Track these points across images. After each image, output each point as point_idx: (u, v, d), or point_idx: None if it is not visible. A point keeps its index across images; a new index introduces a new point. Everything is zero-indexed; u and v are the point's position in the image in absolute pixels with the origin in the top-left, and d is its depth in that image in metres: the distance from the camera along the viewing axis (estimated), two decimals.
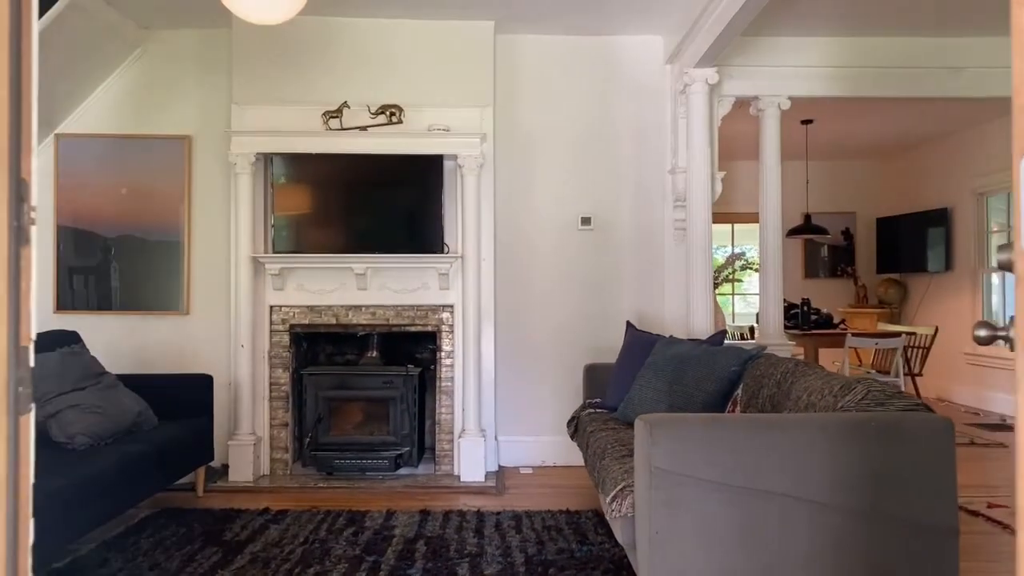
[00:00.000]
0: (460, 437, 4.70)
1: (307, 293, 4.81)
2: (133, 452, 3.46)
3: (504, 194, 5.10)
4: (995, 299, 7.96)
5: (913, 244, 8.81)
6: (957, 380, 8.09)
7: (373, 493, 4.40)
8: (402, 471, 4.74)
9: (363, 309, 4.83)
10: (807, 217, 7.78)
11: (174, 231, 5.07)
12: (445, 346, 4.85)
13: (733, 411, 3.46)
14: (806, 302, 7.00)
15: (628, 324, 4.46)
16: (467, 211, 4.72)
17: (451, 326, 4.84)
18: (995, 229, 7.93)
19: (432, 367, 4.99)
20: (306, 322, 4.83)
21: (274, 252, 4.73)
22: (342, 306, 4.83)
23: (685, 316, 5.15)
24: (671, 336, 4.18)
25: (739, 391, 3.51)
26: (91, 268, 5.08)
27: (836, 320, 7.66)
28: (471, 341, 4.71)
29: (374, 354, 5.01)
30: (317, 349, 5.21)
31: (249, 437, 4.68)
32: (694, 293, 4.63)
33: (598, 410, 4.19)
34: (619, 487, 2.62)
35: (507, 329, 5.10)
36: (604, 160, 5.19)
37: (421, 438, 4.99)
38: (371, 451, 4.68)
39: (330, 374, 4.83)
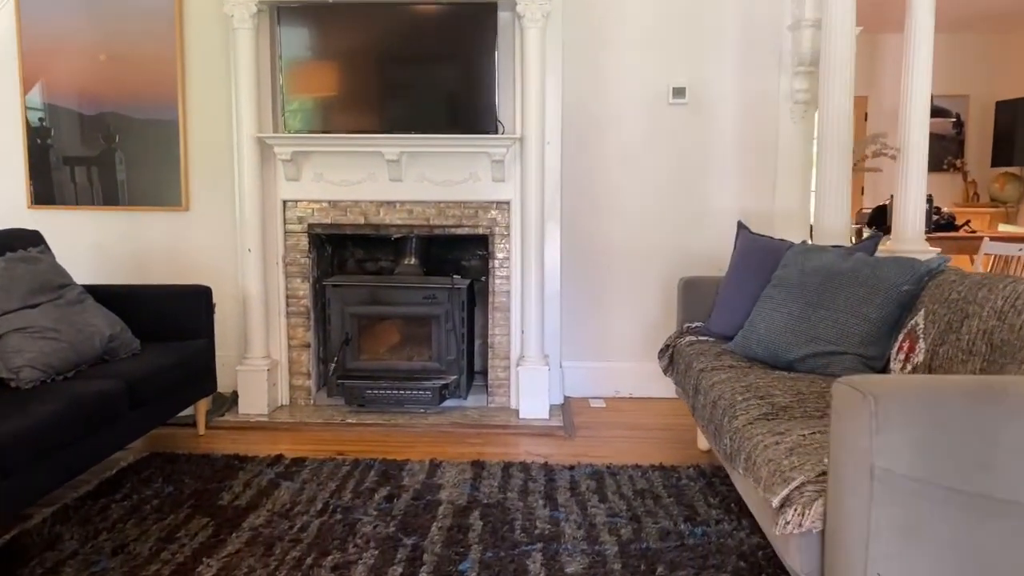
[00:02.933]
0: (519, 365, 3.79)
1: (328, 185, 3.84)
2: (94, 390, 2.61)
3: (574, 57, 3.99)
4: None
5: None
6: None
7: (414, 433, 3.55)
8: (448, 403, 3.87)
9: (397, 205, 3.86)
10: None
11: (167, 107, 4.10)
12: (499, 253, 3.88)
13: (911, 349, 2.46)
14: (928, 199, 5.83)
15: (740, 225, 3.43)
16: (528, 78, 3.64)
17: (507, 227, 3.85)
18: None
19: (483, 278, 4.03)
20: (328, 221, 3.88)
21: (286, 132, 3.74)
22: (371, 201, 3.86)
23: (803, 213, 4.09)
24: (805, 242, 3.15)
25: (917, 320, 2.50)
26: (84, 158, 4.16)
27: (959, 222, 6.48)
28: (532, 246, 3.73)
29: (412, 261, 4.07)
30: (343, 254, 4.29)
31: (262, 361, 3.83)
32: (829, 181, 3.55)
33: (701, 337, 3.22)
34: (793, 486, 1.67)
35: (571, 232, 4.10)
36: (702, 11, 4.02)
37: (471, 364, 4.10)
38: (410, 380, 3.81)
39: (359, 285, 3.91)
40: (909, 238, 4.08)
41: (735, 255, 3.33)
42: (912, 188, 4.09)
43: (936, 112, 6.43)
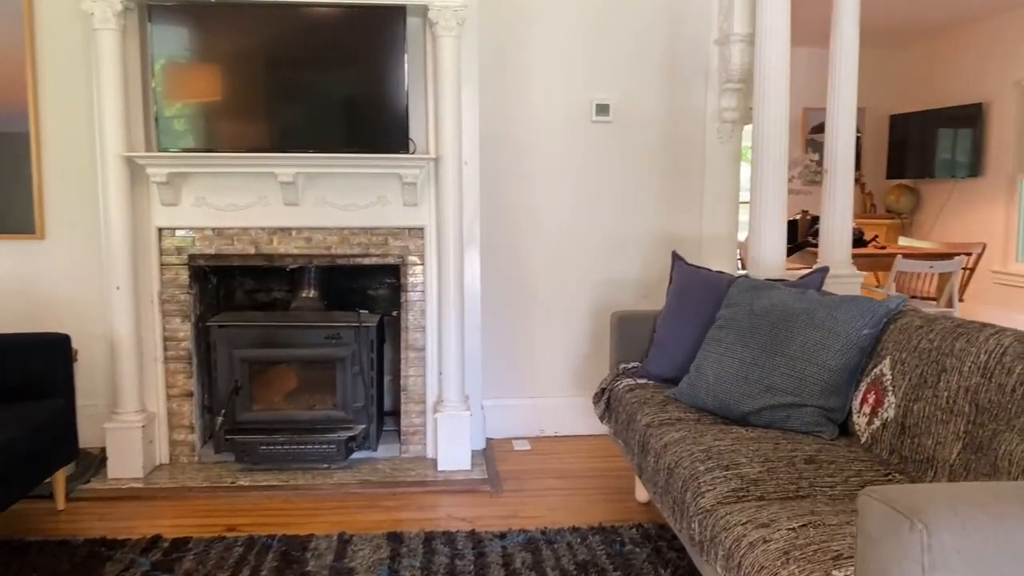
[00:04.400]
0: (437, 411, 3.41)
1: (212, 210, 3.35)
2: None
3: (491, 71, 3.65)
4: None
5: (934, 145, 7.67)
6: (981, 301, 7.13)
7: (318, 496, 3.11)
8: (357, 455, 3.44)
9: (294, 233, 3.41)
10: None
11: (16, 117, 3.49)
12: (413, 285, 3.49)
13: (878, 402, 2.24)
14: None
15: (675, 256, 3.17)
16: (443, 92, 3.27)
17: (421, 256, 3.47)
18: None
19: (394, 312, 3.63)
20: (212, 251, 3.38)
21: (160, 151, 3.22)
22: (263, 228, 3.39)
23: (730, 239, 3.89)
24: (747, 276, 2.91)
25: (882, 369, 2.28)
26: None
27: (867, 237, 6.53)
28: (451, 277, 3.36)
29: (311, 294, 3.62)
30: (231, 285, 3.79)
31: (136, 416, 3.29)
32: (765, 208, 3.34)
33: (639, 380, 2.94)
34: None
35: (490, 259, 3.76)
36: (626, 25, 3.75)
37: (380, 408, 3.68)
38: (312, 433, 3.36)
39: (250, 326, 3.43)
40: (838, 261, 3.95)
41: (672, 289, 3.07)
42: (839, 207, 3.98)
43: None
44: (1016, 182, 6.92)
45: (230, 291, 3.78)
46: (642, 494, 3.06)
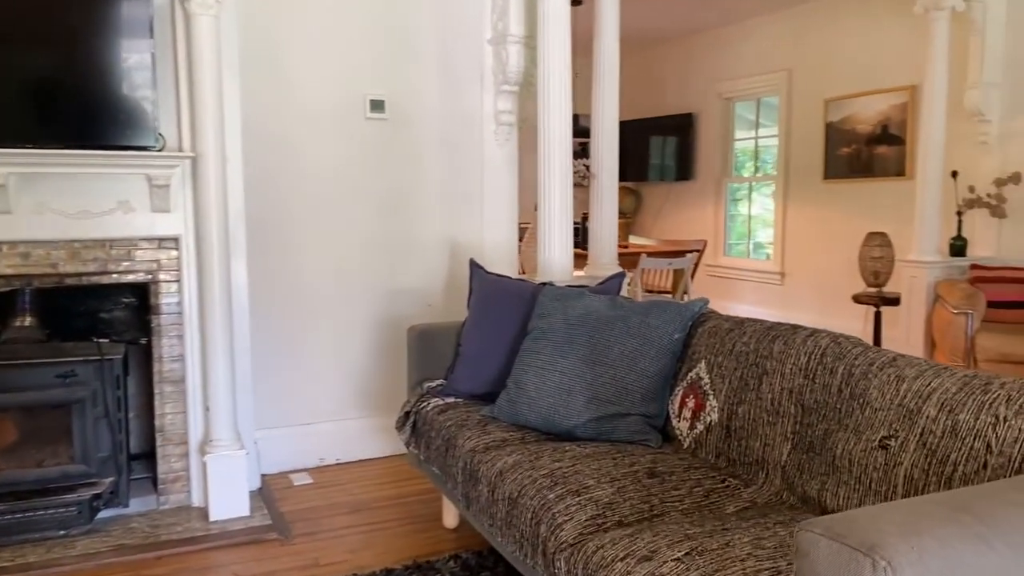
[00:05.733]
0: (205, 452, 2.92)
1: None
2: None
3: (252, 59, 3.20)
4: (741, 209, 7.86)
5: (652, 151, 8.39)
6: (699, 292, 7.92)
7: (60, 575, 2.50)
8: (105, 514, 2.83)
9: (5, 249, 2.71)
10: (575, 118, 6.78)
11: None
12: (167, 305, 2.95)
13: (698, 406, 2.27)
14: (585, 216, 6.07)
15: (474, 265, 3.01)
16: (201, 81, 2.79)
17: (176, 271, 2.95)
18: (738, 137, 7.74)
19: (143, 340, 3.05)
20: None
21: None
22: None
23: (511, 246, 3.83)
24: (551, 284, 2.84)
25: (699, 373, 2.32)
26: None
27: None
28: (215, 295, 2.88)
29: (28, 322, 2.92)
30: None
31: None
32: (553, 213, 3.30)
33: (448, 399, 2.74)
34: None
35: (254, 272, 3.30)
36: (397, 15, 3.52)
37: (128, 456, 3.07)
38: (44, 495, 2.69)
39: None
40: (606, 263, 4.07)
41: (473, 300, 2.91)
42: (606, 211, 4.10)
43: (582, 132, 6.78)
44: (723, 185, 7.78)
45: None
46: (450, 519, 2.86)
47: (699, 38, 7.82)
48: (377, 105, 3.49)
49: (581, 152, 8.97)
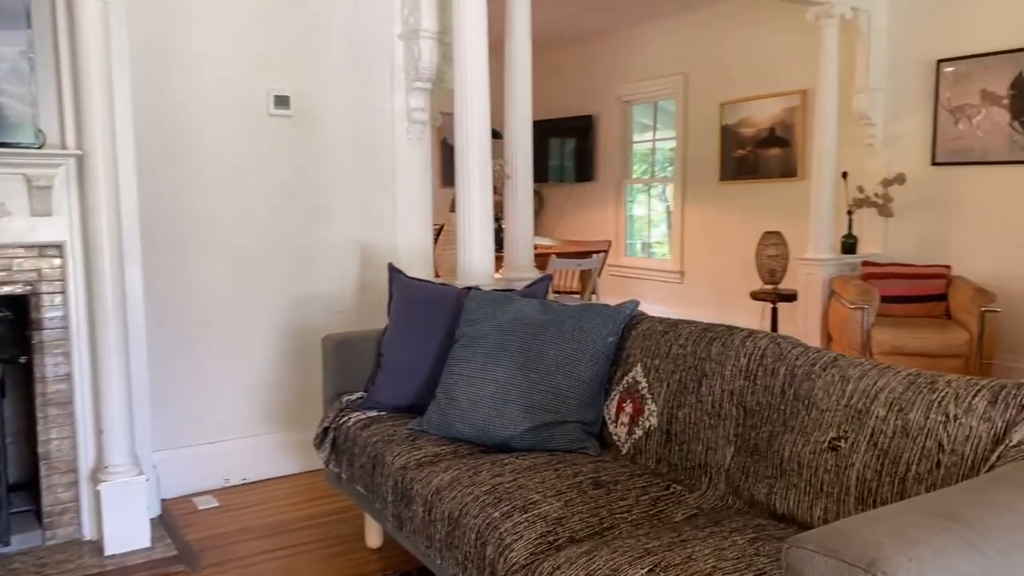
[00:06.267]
0: (99, 479, 2.64)
1: None
2: None
3: (143, 49, 2.94)
4: (638, 210, 7.98)
5: (552, 152, 8.41)
6: (603, 292, 7.99)
7: None
8: None
9: None
10: None
11: None
12: (50, 319, 2.66)
13: (636, 411, 2.23)
14: (499, 218, 6.00)
15: (393, 269, 2.87)
16: (86, 73, 2.52)
17: (61, 282, 2.66)
18: (636, 140, 7.86)
19: (24, 359, 2.73)
20: None
21: None
22: None
23: (426, 249, 3.70)
24: (477, 288, 2.73)
25: (635, 377, 2.28)
26: None
27: None
28: (107, 305, 2.62)
29: None
30: None
31: None
32: (473, 215, 3.19)
33: (370, 413, 2.59)
34: None
35: (149, 280, 3.05)
36: (304, 6, 3.33)
37: (7, 488, 2.75)
38: None
39: None
40: (522, 266, 4.01)
41: (395, 306, 2.77)
42: (521, 212, 4.04)
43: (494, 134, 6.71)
44: (623, 186, 7.88)
45: None
46: (374, 539, 2.71)
47: (598, 41, 7.89)
48: (282, 101, 3.29)
49: None
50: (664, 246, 7.60)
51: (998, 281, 4.85)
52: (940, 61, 5.07)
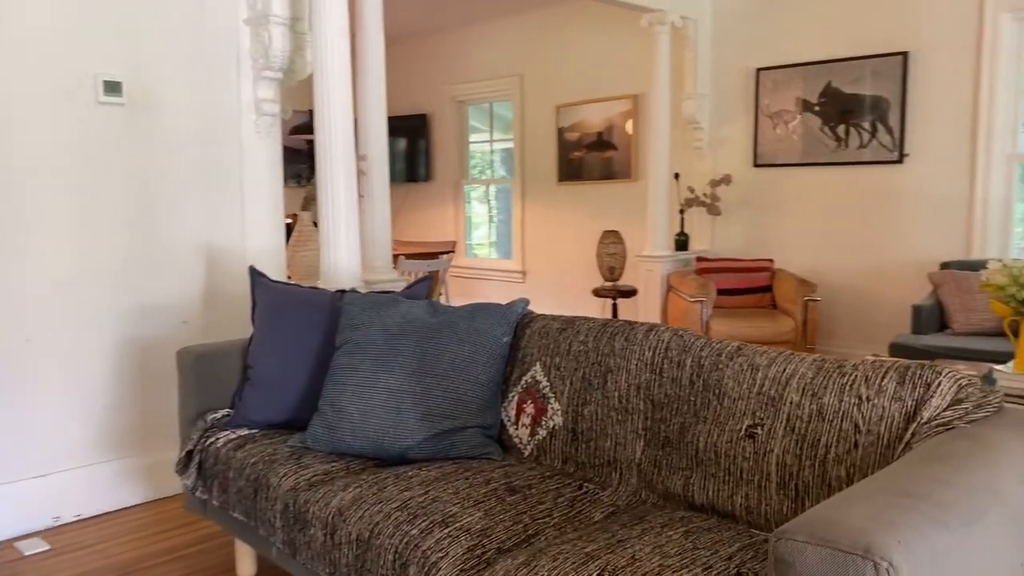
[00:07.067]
0: None
1: None
2: None
3: None
4: (476, 209, 7.98)
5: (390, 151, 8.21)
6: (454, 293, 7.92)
7: None
8: None
9: None
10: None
11: None
12: None
13: (539, 411, 2.18)
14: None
15: (255, 273, 2.62)
16: None
17: None
18: (475, 140, 7.86)
19: None
20: None
21: None
22: None
23: (278, 251, 3.45)
24: (354, 290, 2.56)
25: (534, 376, 2.23)
26: None
27: None
28: None
29: None
30: None
31: None
32: (338, 213, 3.00)
33: (241, 432, 2.35)
34: None
35: None
36: None
37: None
38: None
39: None
40: (381, 266, 3.86)
41: (260, 313, 2.53)
42: (378, 210, 3.89)
43: (299, 129, 6.46)
44: (461, 187, 7.85)
45: None
46: (246, 567, 2.46)
47: (432, 39, 7.81)
48: (113, 87, 2.92)
49: (309, 150, 8.54)
50: (487, 247, 7.65)
51: (815, 272, 5.31)
52: (759, 69, 5.47)
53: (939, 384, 1.57)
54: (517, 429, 2.22)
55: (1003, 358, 3.35)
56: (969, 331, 4.03)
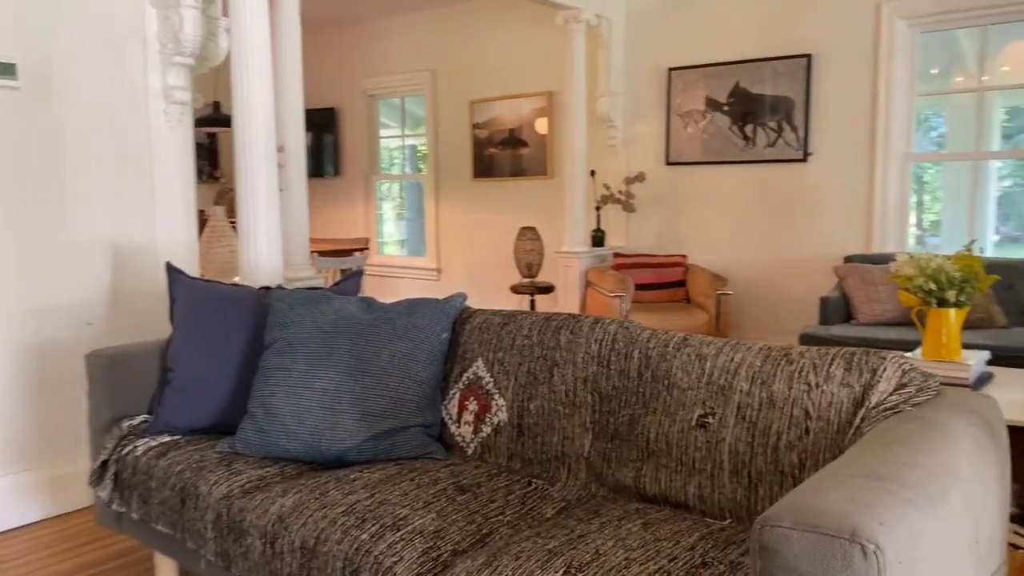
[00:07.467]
0: None
1: None
2: None
3: None
4: (386, 206, 7.84)
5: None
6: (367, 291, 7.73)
7: None
8: None
9: None
10: (216, 105, 6.12)
11: None
12: None
13: (483, 407, 2.13)
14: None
15: (172, 269, 2.46)
16: None
17: None
18: (387, 135, 7.71)
19: None
20: None
21: None
22: None
23: (190, 245, 3.27)
24: (280, 287, 2.43)
25: (476, 372, 2.19)
26: None
27: None
28: None
29: None
30: None
31: None
32: (258, 206, 2.85)
33: (163, 438, 2.19)
34: None
35: None
36: None
37: None
38: None
39: None
40: (300, 263, 3.73)
41: (179, 312, 2.38)
42: (296, 205, 3.76)
43: (202, 122, 6.19)
44: (372, 183, 7.69)
45: None
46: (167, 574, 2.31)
47: (342, 31, 7.62)
48: (7, 69, 2.68)
49: (211, 144, 8.19)
50: (396, 245, 7.54)
51: (725, 267, 5.46)
52: (671, 69, 5.59)
53: (884, 369, 1.61)
54: (459, 427, 2.16)
55: (908, 346, 3.53)
56: (873, 321, 4.23)
